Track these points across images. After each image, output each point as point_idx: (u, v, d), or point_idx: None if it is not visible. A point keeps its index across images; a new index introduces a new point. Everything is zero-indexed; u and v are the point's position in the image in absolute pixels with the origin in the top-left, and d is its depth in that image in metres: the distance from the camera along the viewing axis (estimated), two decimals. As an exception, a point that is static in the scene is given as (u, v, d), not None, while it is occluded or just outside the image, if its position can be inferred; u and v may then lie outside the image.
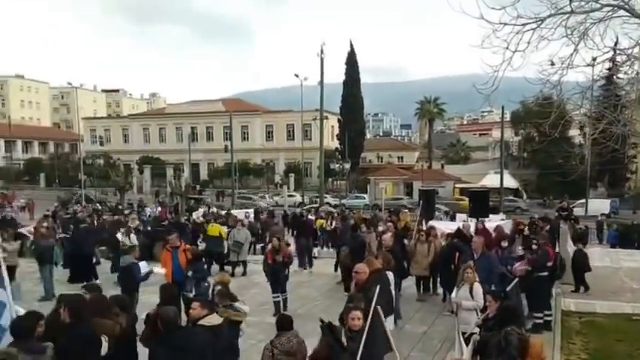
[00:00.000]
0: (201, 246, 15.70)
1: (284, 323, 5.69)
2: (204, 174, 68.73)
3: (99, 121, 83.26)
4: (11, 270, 11.65)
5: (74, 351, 4.60)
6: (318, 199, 40.68)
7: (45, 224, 16.72)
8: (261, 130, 70.26)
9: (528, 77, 6.89)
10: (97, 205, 36.22)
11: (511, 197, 42.84)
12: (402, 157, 75.62)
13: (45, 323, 4.96)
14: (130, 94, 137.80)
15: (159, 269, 10.16)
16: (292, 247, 14.46)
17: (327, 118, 46.75)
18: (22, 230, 18.12)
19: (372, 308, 5.37)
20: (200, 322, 5.49)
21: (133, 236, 14.87)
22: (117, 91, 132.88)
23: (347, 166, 50.87)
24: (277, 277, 11.03)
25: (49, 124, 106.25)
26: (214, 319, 5.60)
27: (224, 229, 16.67)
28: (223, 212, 25.57)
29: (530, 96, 9.05)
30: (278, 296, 11.02)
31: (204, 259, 12.06)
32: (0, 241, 12.89)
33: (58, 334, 4.86)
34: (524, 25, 6.25)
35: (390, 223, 15.04)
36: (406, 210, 22.82)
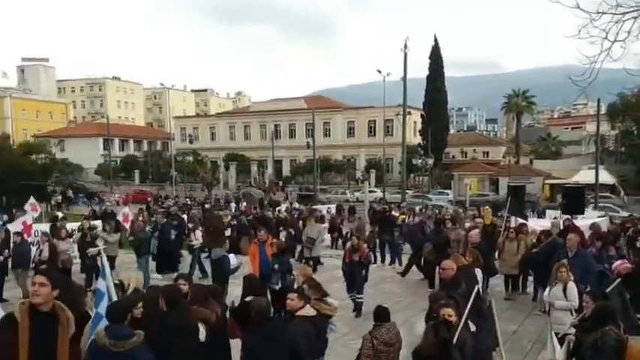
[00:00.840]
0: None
1: (382, 314, 5.67)
2: (286, 170, 69.94)
3: (188, 120, 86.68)
4: (111, 260, 12.54)
5: (164, 338, 4.72)
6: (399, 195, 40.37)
7: (141, 218, 17.80)
8: (342, 127, 70.47)
9: (628, 68, 6.52)
10: (187, 199, 37.94)
11: (607, 194, 40.34)
12: (487, 153, 73.02)
13: (144, 310, 5.25)
14: (217, 93, 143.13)
15: (245, 267, 10.44)
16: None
17: (409, 113, 46.16)
18: (118, 217, 19.29)
19: (485, 302, 5.30)
20: (299, 314, 5.65)
21: (198, 232, 15.21)
22: (205, 90, 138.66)
23: (430, 161, 49.80)
24: (353, 278, 10.71)
25: (143, 123, 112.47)
26: (310, 311, 5.74)
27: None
28: (304, 208, 26.04)
29: (631, 87, 8.54)
30: (358, 297, 10.63)
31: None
32: (105, 234, 13.91)
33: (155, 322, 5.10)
34: (624, 14, 5.91)
35: (478, 219, 14.65)
36: (486, 206, 22.12)
